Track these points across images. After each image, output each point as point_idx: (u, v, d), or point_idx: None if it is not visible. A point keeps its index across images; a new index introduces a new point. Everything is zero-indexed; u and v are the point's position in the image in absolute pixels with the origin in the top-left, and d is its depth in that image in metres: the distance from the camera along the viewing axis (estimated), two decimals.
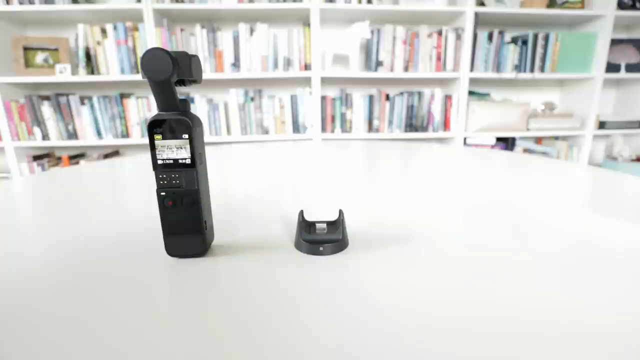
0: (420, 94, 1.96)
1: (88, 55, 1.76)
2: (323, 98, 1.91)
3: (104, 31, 1.76)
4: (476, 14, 1.82)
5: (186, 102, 0.26)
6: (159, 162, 0.26)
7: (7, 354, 0.18)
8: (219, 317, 0.21)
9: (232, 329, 0.20)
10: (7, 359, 0.18)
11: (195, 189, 0.27)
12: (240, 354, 0.18)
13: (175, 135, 0.26)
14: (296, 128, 1.94)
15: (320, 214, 0.40)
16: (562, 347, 0.18)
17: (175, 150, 0.26)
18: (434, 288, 0.24)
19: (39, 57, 1.79)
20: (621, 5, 1.90)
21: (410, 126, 2.00)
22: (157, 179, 0.27)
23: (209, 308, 0.22)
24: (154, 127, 0.25)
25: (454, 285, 0.24)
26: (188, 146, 0.26)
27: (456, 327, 0.20)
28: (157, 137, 0.26)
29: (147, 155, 0.88)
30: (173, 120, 0.25)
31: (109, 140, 1.84)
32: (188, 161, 0.26)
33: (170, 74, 0.23)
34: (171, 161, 0.26)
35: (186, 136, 0.26)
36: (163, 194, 0.27)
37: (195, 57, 0.26)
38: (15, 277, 0.26)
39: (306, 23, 1.89)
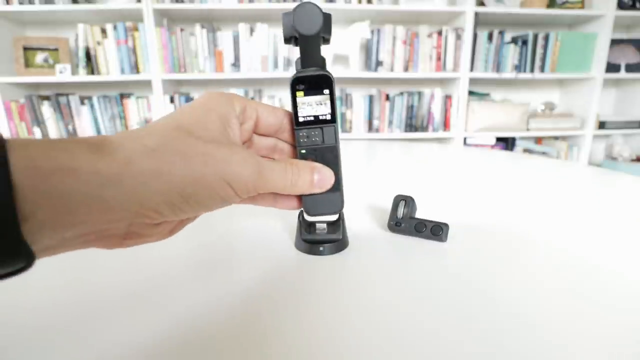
0: (420, 94, 1.96)
1: (88, 55, 1.76)
2: None
3: (104, 31, 1.76)
4: (476, 14, 1.82)
5: (324, 60, 0.26)
6: (300, 119, 0.26)
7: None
8: (218, 317, 0.21)
9: (231, 328, 0.20)
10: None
11: (335, 145, 0.27)
12: (239, 353, 0.18)
13: (317, 92, 0.26)
14: None
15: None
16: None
17: (315, 106, 0.26)
18: (433, 288, 0.24)
19: (39, 57, 1.79)
20: (621, 5, 1.90)
21: (410, 126, 2.00)
22: (298, 137, 0.26)
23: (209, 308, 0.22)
24: (297, 83, 0.25)
25: (454, 286, 0.24)
26: (328, 102, 0.26)
27: (455, 326, 0.20)
28: (299, 93, 0.26)
29: None
30: (315, 76, 0.25)
31: None
32: (328, 117, 0.26)
33: (320, 27, 0.23)
34: (312, 118, 0.26)
35: (327, 91, 0.26)
36: (303, 151, 0.27)
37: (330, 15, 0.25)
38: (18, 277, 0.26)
39: None
